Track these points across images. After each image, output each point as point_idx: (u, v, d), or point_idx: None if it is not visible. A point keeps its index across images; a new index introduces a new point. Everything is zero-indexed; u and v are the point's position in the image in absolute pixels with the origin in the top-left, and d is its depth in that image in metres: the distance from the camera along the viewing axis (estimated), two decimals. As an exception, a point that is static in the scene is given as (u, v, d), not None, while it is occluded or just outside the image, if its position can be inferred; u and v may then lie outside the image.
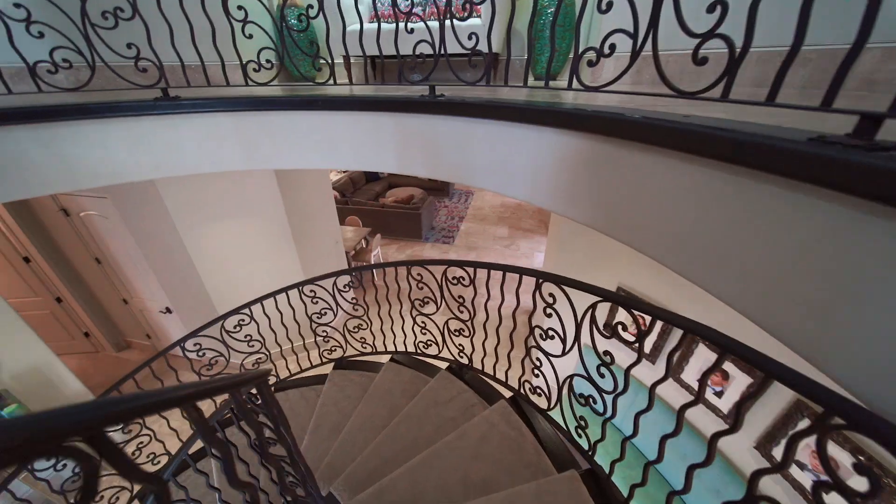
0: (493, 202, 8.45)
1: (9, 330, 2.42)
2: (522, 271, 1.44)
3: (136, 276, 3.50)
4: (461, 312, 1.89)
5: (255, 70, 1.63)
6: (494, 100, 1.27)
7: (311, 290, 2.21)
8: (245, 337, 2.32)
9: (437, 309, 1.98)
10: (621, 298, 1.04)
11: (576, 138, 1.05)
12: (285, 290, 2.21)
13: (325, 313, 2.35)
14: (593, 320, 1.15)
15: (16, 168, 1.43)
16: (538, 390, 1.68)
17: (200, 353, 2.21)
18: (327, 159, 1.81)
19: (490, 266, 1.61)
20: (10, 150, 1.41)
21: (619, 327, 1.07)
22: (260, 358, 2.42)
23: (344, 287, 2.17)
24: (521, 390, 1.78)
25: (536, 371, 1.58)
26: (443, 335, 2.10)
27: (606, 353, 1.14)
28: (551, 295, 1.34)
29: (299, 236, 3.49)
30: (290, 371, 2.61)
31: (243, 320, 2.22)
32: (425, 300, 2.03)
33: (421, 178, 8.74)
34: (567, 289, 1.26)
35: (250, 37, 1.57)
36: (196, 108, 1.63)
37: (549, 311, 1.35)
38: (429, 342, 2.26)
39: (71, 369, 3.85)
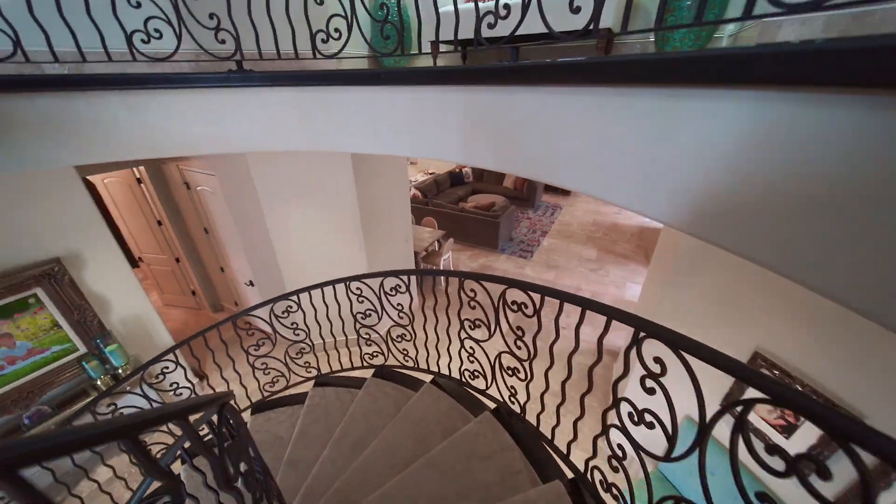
0: (583, 219, 7.57)
1: (124, 282, 2.80)
2: (613, 314, 0.96)
3: (231, 248, 3.88)
4: (518, 348, 1.46)
5: (323, 41, 1.48)
6: (608, 57, 0.84)
7: (358, 288, 2.03)
8: (291, 324, 2.26)
9: (489, 336, 1.58)
10: (834, 417, 0.51)
11: (744, 102, 0.57)
12: (332, 283, 2.06)
13: (370, 315, 2.14)
14: (743, 430, 0.63)
15: (105, 131, 1.53)
16: (613, 489, 1.15)
17: (250, 332, 2.20)
18: (387, 144, 1.58)
19: (564, 297, 1.16)
20: (104, 115, 1.50)
21: (810, 466, 0.54)
22: (303, 347, 2.34)
23: (390, 290, 1.93)
24: (588, 477, 1.26)
25: (616, 463, 1.07)
26: (493, 370, 1.69)
27: (764, 498, 0.61)
28: (658, 361, 0.84)
29: (369, 229, 3.44)
30: (331, 367, 2.49)
31: (291, 307, 2.15)
32: (476, 322, 1.66)
33: (506, 186, 8.32)
34: (690, 357, 0.76)
35: (321, 3, 1.42)
36: (264, 82, 1.56)
37: (650, 383, 0.85)
38: (476, 373, 1.87)
39: (177, 319, 4.47)
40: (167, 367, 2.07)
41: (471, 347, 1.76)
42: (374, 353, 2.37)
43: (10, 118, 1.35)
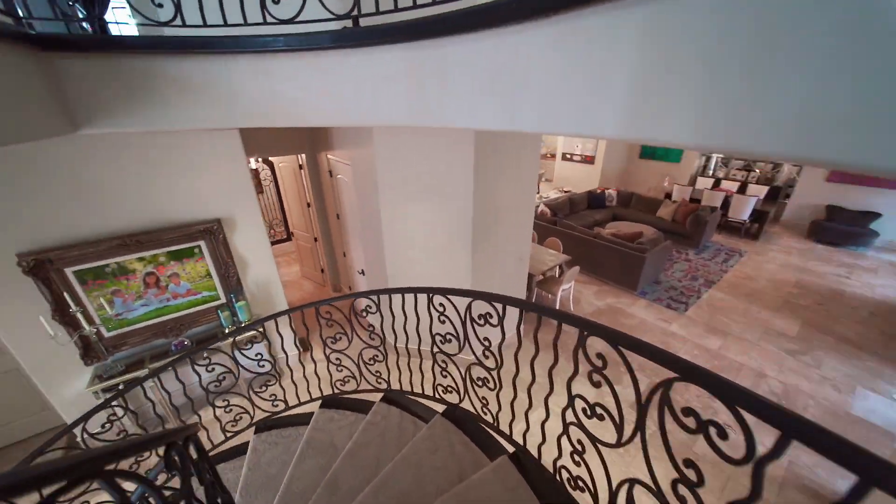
0: (778, 275, 5.40)
1: (261, 250, 3.16)
2: None
3: (352, 236, 4.10)
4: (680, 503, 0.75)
5: (446, -23, 1.13)
6: None
7: (441, 305, 1.61)
8: (368, 326, 2.01)
9: (618, 443, 0.91)
10: None
11: None
12: (414, 290, 1.70)
13: (450, 340, 1.70)
14: None
15: (234, 95, 1.55)
16: None
17: (329, 323, 2.05)
18: (505, 114, 1.11)
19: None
20: (236, 79, 1.52)
21: None
22: (376, 355, 2.07)
23: (478, 318, 1.43)
24: None
25: None
26: (614, 497, 0.99)
27: None
28: None
29: (480, 238, 3.04)
30: (401, 385, 2.15)
31: (370, 307, 1.90)
32: (598, 410, 1.00)
33: (661, 217, 6.74)
34: None
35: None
36: (374, 39, 1.31)
37: None
38: (579, 480, 1.18)
39: (306, 290, 5.02)
40: (256, 338, 2.09)
41: (579, 442, 1.10)
42: (449, 388, 1.91)
43: (159, 78, 1.46)
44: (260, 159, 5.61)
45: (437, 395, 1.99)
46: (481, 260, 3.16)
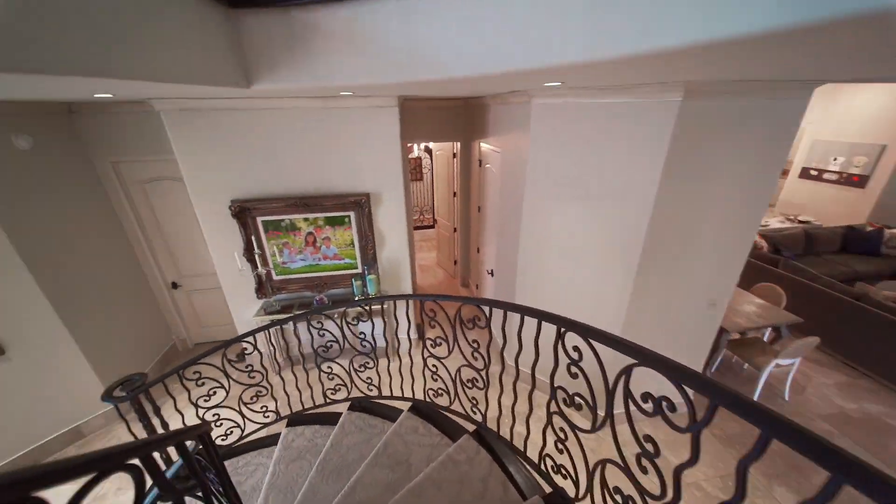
0: None
1: (400, 233, 3.19)
2: None
3: (488, 232, 3.77)
4: None
5: None
6: None
7: (576, 349, 1.04)
8: (472, 341, 1.60)
9: None
10: None
11: None
12: (539, 315, 1.17)
13: (581, 407, 1.10)
14: None
15: (376, 45, 1.36)
16: None
17: (432, 324, 1.75)
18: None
19: None
20: (381, 26, 1.33)
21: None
22: (475, 379, 1.64)
23: (644, 400, 0.81)
24: None
25: None
26: None
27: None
28: None
29: (651, 259, 2.18)
30: (498, 428, 1.66)
31: (478, 319, 1.49)
32: None
33: None
34: None
35: None
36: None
37: None
38: None
39: (437, 278, 5.06)
40: (363, 317, 1.99)
41: None
42: (563, 470, 1.30)
43: (315, 32, 1.39)
44: (423, 146, 5.98)
45: (542, 468, 1.41)
46: (646, 290, 2.29)
